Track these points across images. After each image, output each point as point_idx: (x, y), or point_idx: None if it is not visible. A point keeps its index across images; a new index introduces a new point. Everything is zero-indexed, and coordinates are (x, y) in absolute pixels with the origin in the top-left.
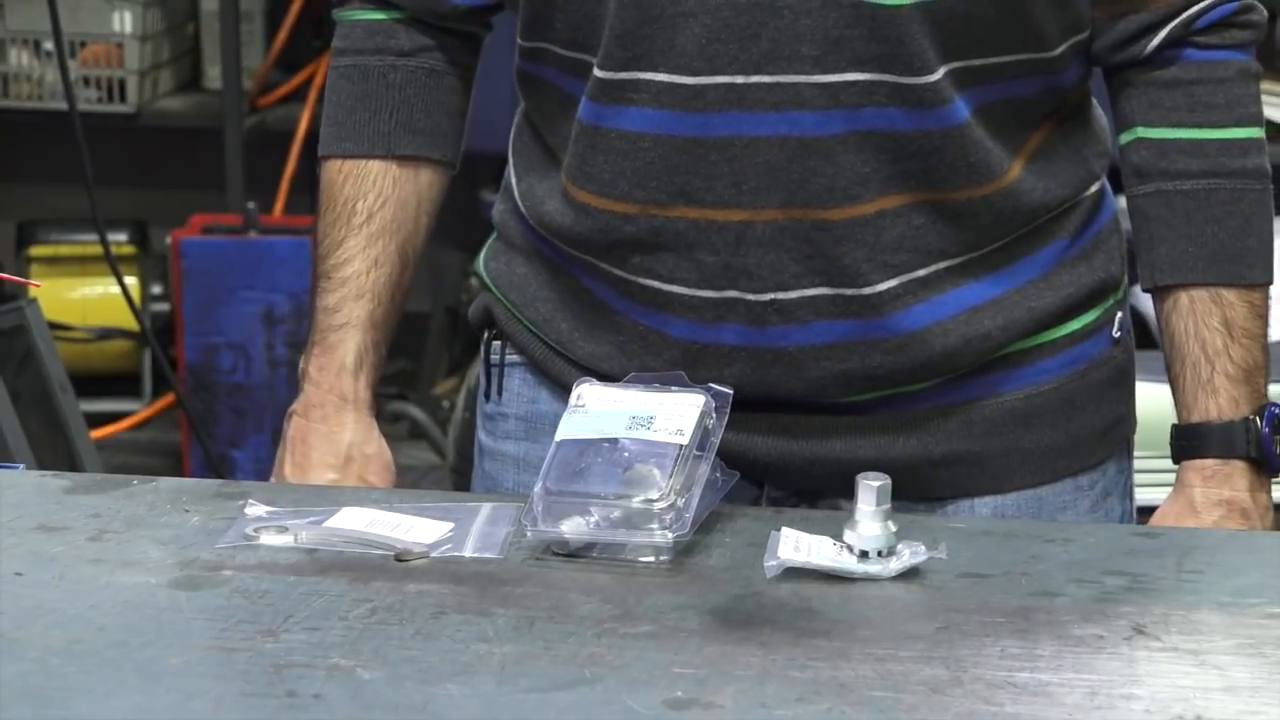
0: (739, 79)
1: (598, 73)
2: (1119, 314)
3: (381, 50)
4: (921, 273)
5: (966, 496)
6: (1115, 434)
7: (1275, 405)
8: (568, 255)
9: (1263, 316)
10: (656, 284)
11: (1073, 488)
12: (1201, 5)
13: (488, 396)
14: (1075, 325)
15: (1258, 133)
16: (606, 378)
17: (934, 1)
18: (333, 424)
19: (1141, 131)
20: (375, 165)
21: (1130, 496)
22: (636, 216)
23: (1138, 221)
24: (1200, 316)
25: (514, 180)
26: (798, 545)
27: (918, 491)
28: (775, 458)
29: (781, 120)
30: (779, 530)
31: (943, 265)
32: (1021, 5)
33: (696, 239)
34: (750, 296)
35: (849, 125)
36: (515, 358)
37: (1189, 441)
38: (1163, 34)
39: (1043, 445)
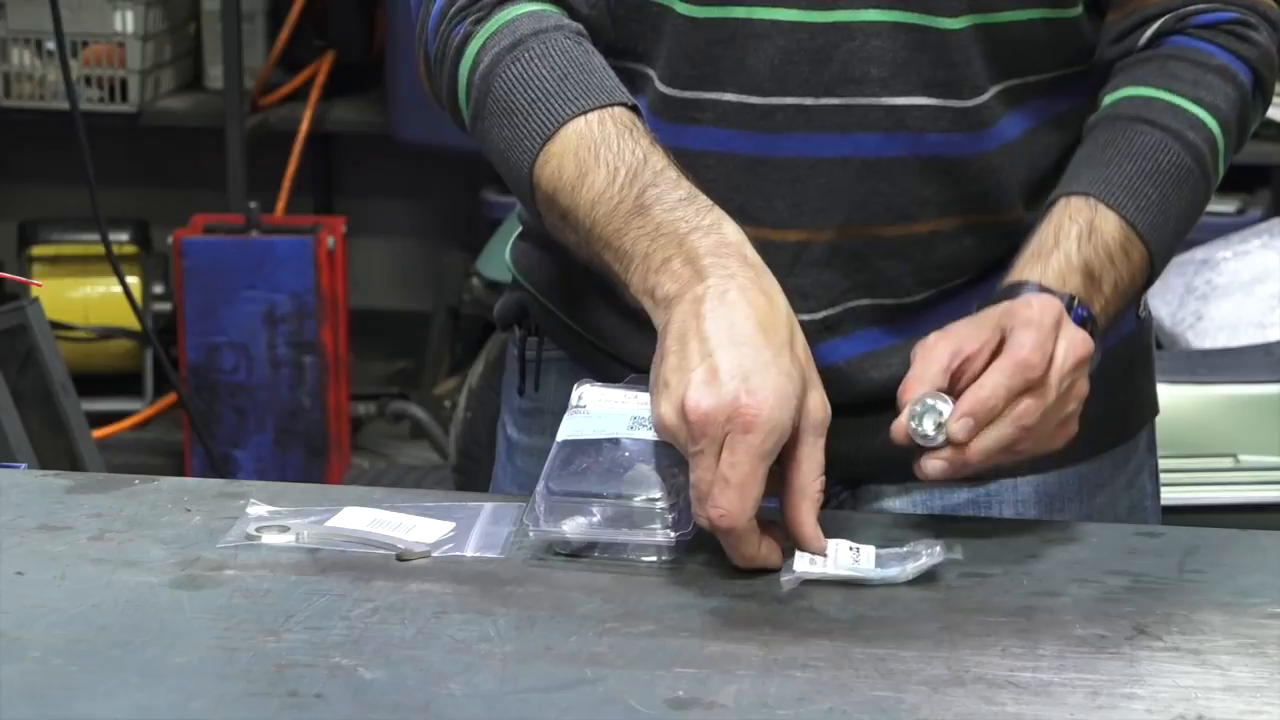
0: (808, 100)
1: (663, 89)
2: (1142, 294)
3: (562, 27)
4: (959, 281)
5: (1010, 477)
6: (1145, 411)
7: (1088, 308)
8: None
9: (1133, 265)
10: None
11: (1110, 463)
12: (1198, 6)
13: (521, 392)
14: None
15: (1213, 124)
16: None
17: (992, 24)
18: (766, 284)
19: (1107, 97)
20: (618, 109)
21: (1157, 477)
22: None
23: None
24: (1071, 212)
25: None
26: (813, 556)
27: None
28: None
29: (846, 142)
30: None
31: (985, 269)
32: (1073, 25)
33: None
34: (805, 317)
35: (912, 149)
36: (553, 353)
37: (994, 294)
38: (1156, 25)
39: (1082, 422)
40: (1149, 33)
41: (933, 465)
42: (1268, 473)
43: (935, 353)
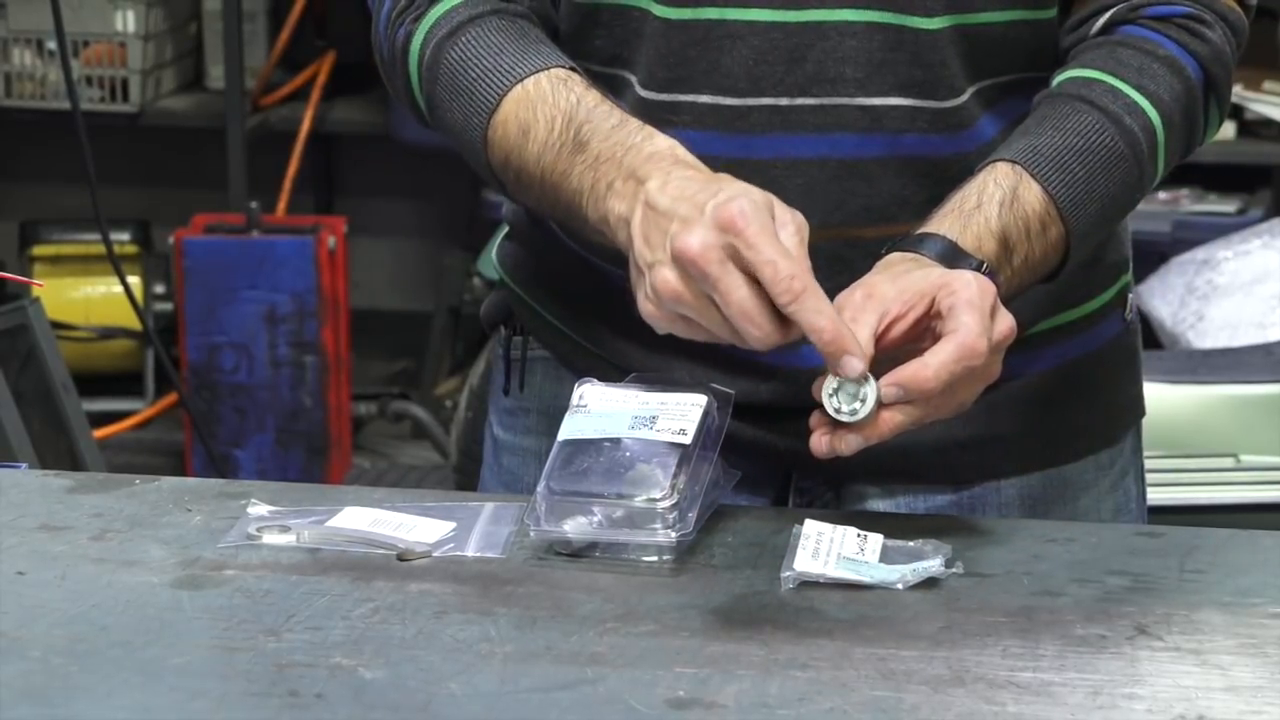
0: (783, 101)
1: (642, 92)
2: (1129, 297)
3: (500, 12)
4: None
5: (993, 479)
6: (1130, 414)
7: (996, 278)
8: (598, 265)
9: (1047, 243)
10: None
11: (1094, 466)
12: None
13: (506, 391)
14: (1092, 306)
15: (1153, 114)
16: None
17: (970, 25)
18: (708, 176)
19: (1055, 79)
20: (557, 69)
21: (1143, 479)
22: None
23: None
24: (997, 176)
25: None
26: (817, 548)
27: (945, 476)
28: (804, 450)
29: (823, 142)
30: (800, 526)
31: None
32: (1050, 26)
33: None
34: None
35: (890, 149)
36: (537, 352)
37: (904, 241)
38: (1109, 14)
39: (1065, 424)
40: (1101, 21)
41: (848, 443)
42: (1268, 473)
43: (864, 317)
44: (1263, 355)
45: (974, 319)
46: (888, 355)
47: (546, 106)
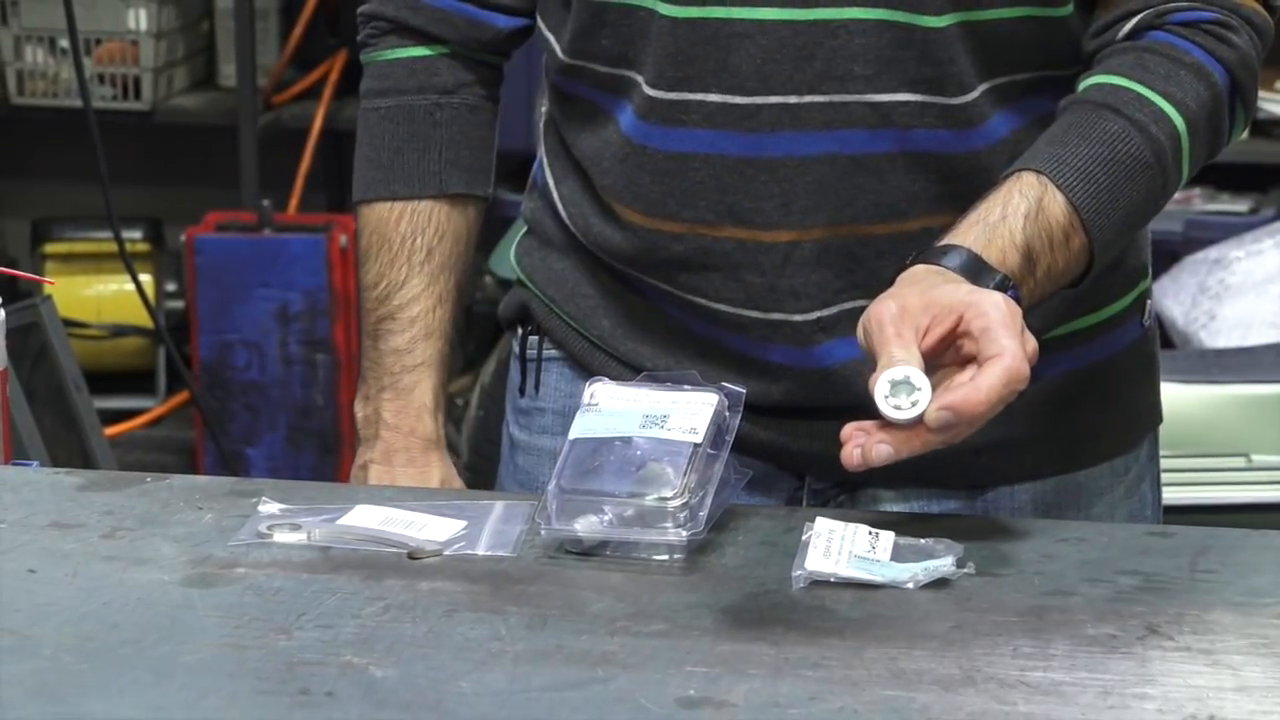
0: (792, 99)
1: (649, 91)
2: (1148, 302)
3: (425, 89)
4: None
5: (1007, 483)
6: (1147, 420)
7: (1019, 291)
8: (614, 265)
9: (1070, 254)
10: (705, 301)
11: (1109, 472)
12: (1179, 3)
13: (522, 391)
14: (1109, 311)
15: (1178, 121)
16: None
17: (978, 21)
18: (420, 466)
19: (1080, 84)
20: (427, 204)
21: (1160, 486)
22: (684, 235)
23: None
24: (1022, 187)
25: (551, 183)
26: (829, 547)
27: (959, 479)
28: (818, 452)
29: (833, 139)
30: (811, 524)
31: None
32: (1063, 24)
33: (743, 260)
34: (797, 318)
35: (899, 145)
36: (553, 353)
37: (928, 252)
38: (1136, 19)
39: (1080, 430)
40: (1128, 26)
41: (879, 453)
42: None
43: (905, 329)
44: (1275, 355)
45: (1015, 343)
46: None
47: (386, 259)
